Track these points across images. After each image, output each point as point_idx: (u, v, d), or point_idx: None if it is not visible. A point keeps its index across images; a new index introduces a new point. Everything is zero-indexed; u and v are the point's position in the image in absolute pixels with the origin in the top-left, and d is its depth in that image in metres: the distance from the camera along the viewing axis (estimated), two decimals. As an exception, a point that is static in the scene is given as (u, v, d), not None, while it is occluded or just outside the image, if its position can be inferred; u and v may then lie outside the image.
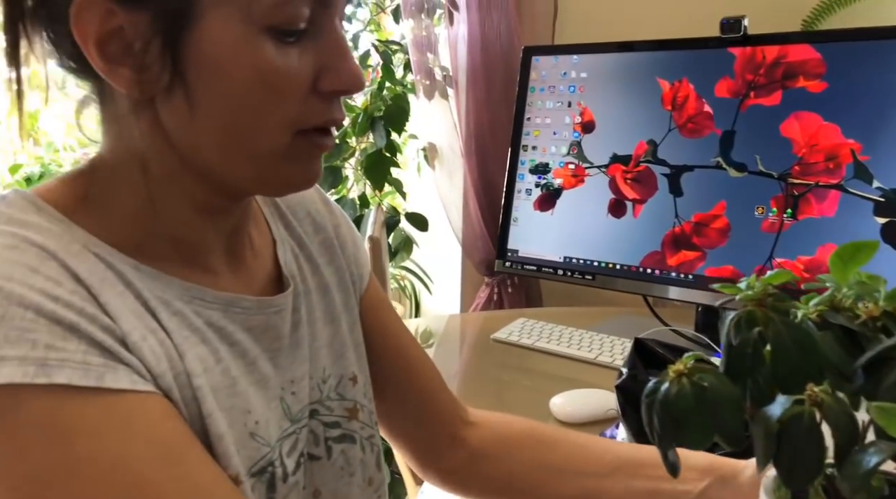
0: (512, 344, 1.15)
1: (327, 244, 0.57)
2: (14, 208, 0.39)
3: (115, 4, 0.37)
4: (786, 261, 1.02)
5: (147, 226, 0.43)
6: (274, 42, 0.39)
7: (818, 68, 1.00)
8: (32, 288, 0.35)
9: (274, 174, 0.43)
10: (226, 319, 0.45)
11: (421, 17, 1.61)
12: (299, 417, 0.49)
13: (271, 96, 0.39)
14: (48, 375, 0.34)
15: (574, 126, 1.22)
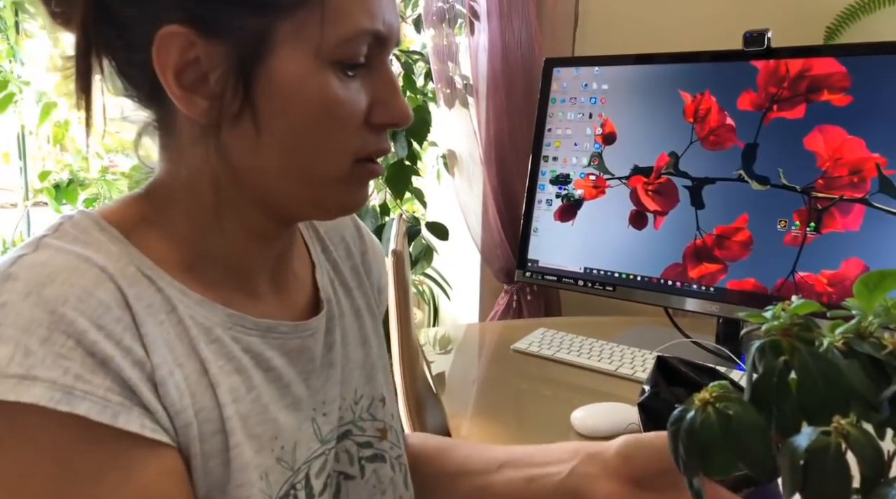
0: (532, 355, 1.15)
1: (356, 270, 0.59)
2: (79, 228, 0.42)
3: (196, 36, 0.40)
4: (809, 275, 1.02)
5: (200, 248, 0.45)
6: (337, 76, 0.42)
7: (843, 82, 1.00)
8: (83, 314, 0.37)
9: (329, 198, 0.46)
10: (264, 344, 0.47)
11: (442, 26, 1.63)
12: (329, 438, 0.51)
13: (333, 125, 0.43)
14: (70, 404, 0.35)
15: (595, 137, 1.22)
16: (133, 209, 0.45)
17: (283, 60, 0.41)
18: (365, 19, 0.42)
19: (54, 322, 0.36)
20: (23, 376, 0.34)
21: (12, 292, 0.36)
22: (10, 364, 0.34)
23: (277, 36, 0.40)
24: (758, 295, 1.06)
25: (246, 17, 0.40)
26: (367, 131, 0.44)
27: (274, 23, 0.40)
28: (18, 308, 0.36)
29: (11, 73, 1.56)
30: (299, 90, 0.41)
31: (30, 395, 0.34)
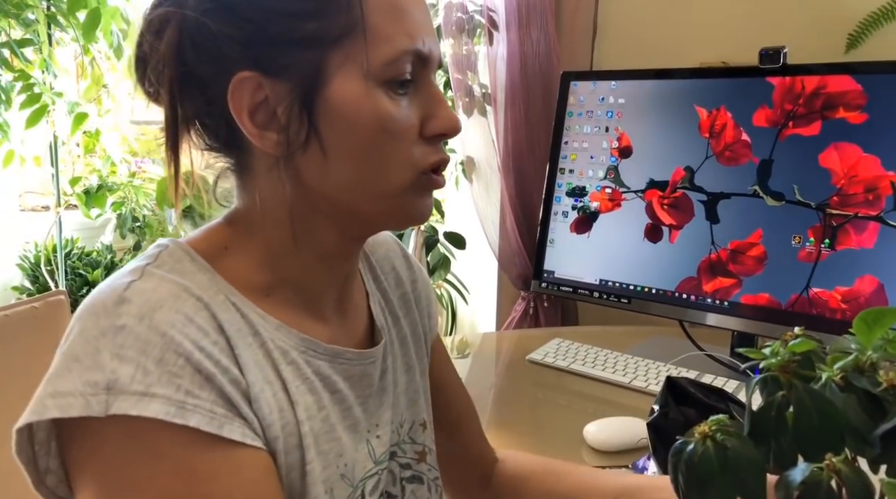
0: (547, 366, 1.18)
1: (405, 298, 0.63)
2: (174, 258, 0.46)
3: (262, 78, 0.45)
4: (823, 291, 1.03)
5: (276, 274, 0.49)
6: (387, 94, 0.46)
7: (859, 100, 1.00)
8: (187, 337, 0.41)
9: (397, 208, 0.50)
10: (331, 368, 0.51)
11: (461, 37, 1.65)
12: (382, 459, 0.54)
13: (391, 139, 0.47)
14: (184, 417, 0.39)
15: (611, 151, 1.24)
16: (216, 239, 0.49)
17: (339, 87, 0.45)
18: (405, 41, 0.46)
19: (165, 344, 0.40)
20: (143, 392, 0.39)
21: (129, 316, 0.41)
22: (132, 382, 0.39)
23: (330, 66, 0.45)
24: (772, 310, 1.07)
25: (301, 54, 0.45)
26: (423, 144, 0.49)
27: (325, 55, 0.45)
28: (136, 331, 0.40)
29: (45, 84, 1.61)
30: (356, 111, 0.46)
31: (150, 410, 0.39)
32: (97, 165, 2.20)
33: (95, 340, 0.40)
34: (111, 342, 0.40)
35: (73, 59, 2.18)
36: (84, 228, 2.39)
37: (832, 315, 1.02)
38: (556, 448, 0.93)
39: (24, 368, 0.75)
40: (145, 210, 2.39)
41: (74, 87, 2.07)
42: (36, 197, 2.55)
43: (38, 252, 2.09)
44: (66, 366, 0.40)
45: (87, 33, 1.55)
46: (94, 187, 2.03)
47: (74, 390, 0.38)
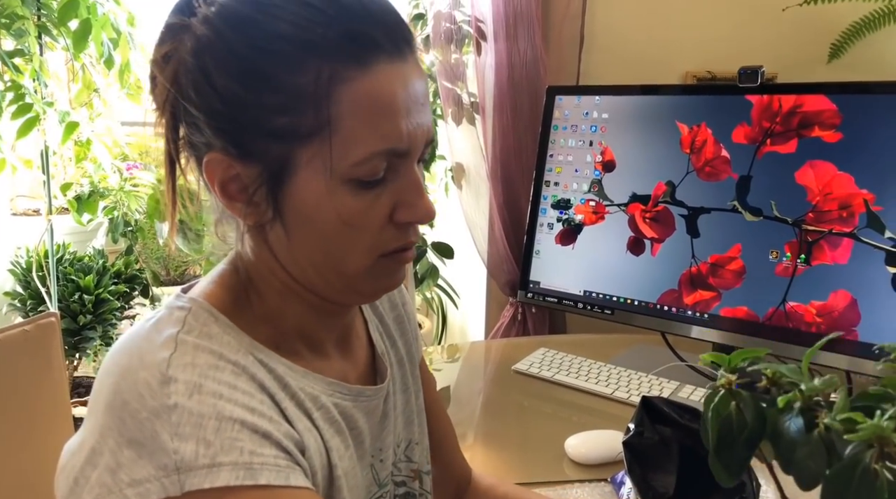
0: (532, 376, 1.20)
1: (400, 320, 0.65)
2: (199, 321, 0.48)
3: (233, 160, 0.47)
4: (799, 305, 1.06)
5: (281, 324, 0.51)
6: (355, 191, 0.46)
7: (833, 119, 1.03)
8: (237, 403, 0.43)
9: (363, 287, 0.51)
10: (355, 408, 0.53)
11: (450, 47, 1.67)
12: (385, 482, 0.57)
13: (352, 232, 0.47)
14: (254, 477, 0.42)
15: (595, 164, 1.26)
16: (227, 291, 0.51)
17: (304, 181, 0.46)
18: (377, 143, 0.46)
19: (219, 413, 0.42)
20: (210, 464, 0.41)
21: (178, 394, 0.42)
22: (197, 457, 0.41)
23: (298, 160, 0.46)
24: (750, 323, 1.10)
25: (269, 145, 0.46)
26: (391, 229, 0.49)
27: (294, 149, 0.45)
28: (188, 407, 0.42)
29: (36, 94, 1.62)
30: (318, 208, 0.46)
31: (221, 479, 0.41)
32: (89, 170, 2.20)
33: (150, 423, 0.41)
34: (167, 423, 0.41)
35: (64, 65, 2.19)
36: (76, 233, 2.39)
37: (807, 329, 1.04)
38: (538, 460, 0.96)
39: (15, 390, 0.76)
40: (137, 214, 2.40)
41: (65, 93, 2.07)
42: (27, 201, 2.55)
43: (29, 258, 2.10)
44: (135, 453, 0.41)
45: (77, 43, 1.56)
46: (86, 194, 2.03)
47: (150, 476, 0.40)
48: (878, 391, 0.44)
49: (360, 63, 0.44)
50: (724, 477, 0.47)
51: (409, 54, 0.47)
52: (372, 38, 0.45)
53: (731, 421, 0.47)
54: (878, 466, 0.38)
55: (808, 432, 0.44)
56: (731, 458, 0.47)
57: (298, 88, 0.44)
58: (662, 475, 0.71)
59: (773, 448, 0.46)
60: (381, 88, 0.45)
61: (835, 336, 0.52)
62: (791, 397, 0.46)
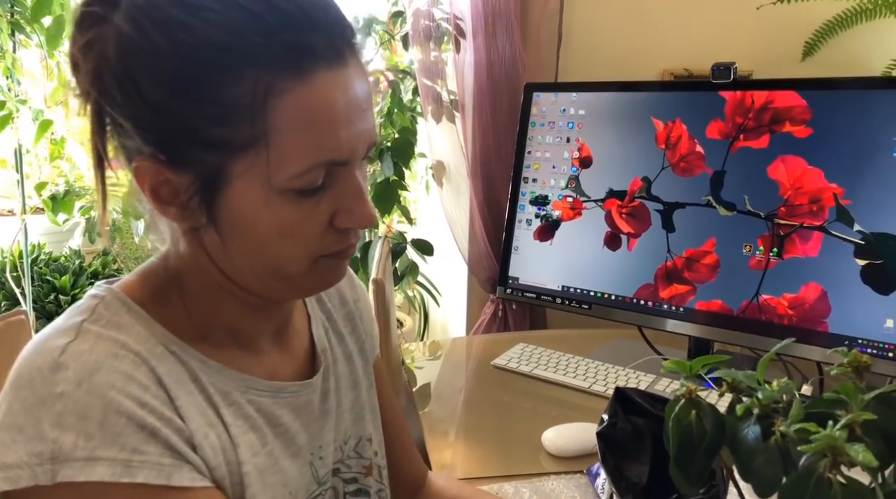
0: (511, 371, 1.21)
1: (350, 317, 0.65)
2: (111, 310, 0.47)
3: (163, 167, 0.45)
4: (771, 297, 1.07)
5: (208, 320, 0.51)
6: (292, 201, 0.45)
7: (804, 115, 1.05)
8: (128, 395, 0.43)
9: (301, 286, 0.51)
10: (275, 404, 0.53)
11: (429, 45, 1.67)
12: (325, 479, 0.57)
13: (289, 241, 0.47)
14: (131, 475, 0.42)
15: (572, 161, 1.27)
16: (149, 285, 0.50)
17: (239, 192, 0.44)
18: (316, 154, 0.44)
19: (106, 406, 0.42)
20: (87, 458, 0.40)
21: (66, 382, 0.42)
22: (75, 449, 0.40)
23: (232, 171, 0.44)
24: (724, 316, 1.11)
25: (203, 155, 0.44)
26: (331, 233, 0.48)
27: (228, 160, 0.44)
28: (75, 397, 0.41)
29: (9, 92, 1.60)
30: (254, 219, 0.45)
31: (96, 474, 0.40)
32: (64, 169, 2.17)
33: (36, 409, 0.41)
34: (51, 411, 0.41)
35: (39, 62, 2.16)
36: (51, 233, 2.36)
37: (780, 321, 1.06)
38: (516, 454, 0.96)
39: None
40: (115, 213, 2.37)
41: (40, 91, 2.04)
42: (1, 201, 2.51)
43: (3, 258, 2.06)
44: (11, 437, 0.41)
45: (51, 40, 1.54)
46: (62, 194, 2.01)
47: (21, 462, 0.40)
48: (832, 397, 0.46)
49: (299, 73, 0.42)
50: (684, 485, 0.48)
51: (351, 58, 0.45)
52: (311, 47, 0.43)
53: (691, 430, 0.48)
54: (832, 475, 0.39)
55: (765, 439, 0.45)
56: (691, 466, 0.48)
57: (232, 100, 0.42)
58: (636, 465, 0.72)
59: (733, 456, 0.47)
60: (320, 99, 0.43)
61: (788, 342, 0.53)
62: (749, 405, 0.47)
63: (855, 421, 0.42)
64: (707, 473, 0.49)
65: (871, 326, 0.98)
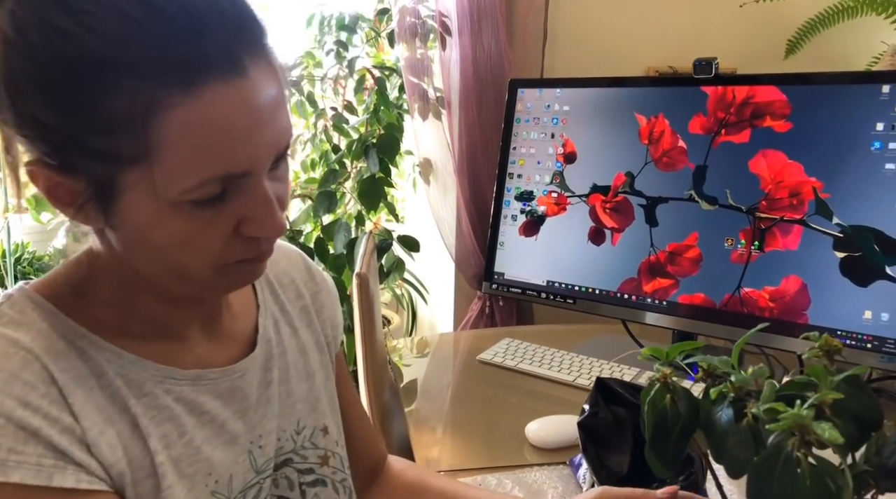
0: (496, 366, 1.21)
1: (306, 310, 0.65)
2: (15, 309, 0.47)
3: (53, 172, 0.43)
4: (753, 290, 1.08)
5: (129, 312, 0.50)
6: (189, 212, 0.43)
7: (784, 109, 1.06)
8: (10, 395, 0.43)
9: (212, 288, 0.50)
10: (195, 392, 0.52)
11: (415, 42, 1.67)
12: (264, 468, 0.56)
13: (189, 251, 0.45)
14: (6, 474, 0.41)
15: (557, 156, 1.28)
16: (65, 279, 0.50)
17: (132, 203, 0.43)
18: (209, 170, 0.42)
19: None
20: None
21: None
22: None
23: (123, 182, 0.42)
24: (707, 309, 1.12)
25: (91, 164, 0.42)
26: (238, 242, 0.46)
27: (118, 171, 0.42)
28: None
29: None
30: (150, 229, 0.44)
31: None
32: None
33: None
34: None
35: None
36: (35, 232, 2.34)
37: (761, 313, 1.07)
38: (500, 446, 0.96)
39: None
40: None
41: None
42: (-15, 200, 2.49)
43: (-14, 257, 2.04)
44: None
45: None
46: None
47: None
48: (803, 380, 0.46)
49: (186, 88, 0.40)
50: (659, 468, 0.49)
51: (253, 65, 0.42)
52: (201, 59, 0.40)
53: (665, 413, 0.48)
54: (801, 453, 0.40)
55: (738, 422, 0.46)
56: (666, 449, 0.49)
57: (113, 113, 0.39)
58: (616, 455, 0.73)
59: (706, 438, 0.48)
60: (213, 114, 0.41)
61: (761, 327, 0.54)
62: (722, 389, 0.48)
63: (823, 401, 0.43)
64: (681, 455, 0.50)
65: (850, 317, 0.99)
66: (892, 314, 0.97)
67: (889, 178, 0.98)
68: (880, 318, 0.97)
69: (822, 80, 1.04)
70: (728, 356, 0.50)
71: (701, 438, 0.49)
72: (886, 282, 0.97)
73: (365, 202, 1.51)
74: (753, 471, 0.41)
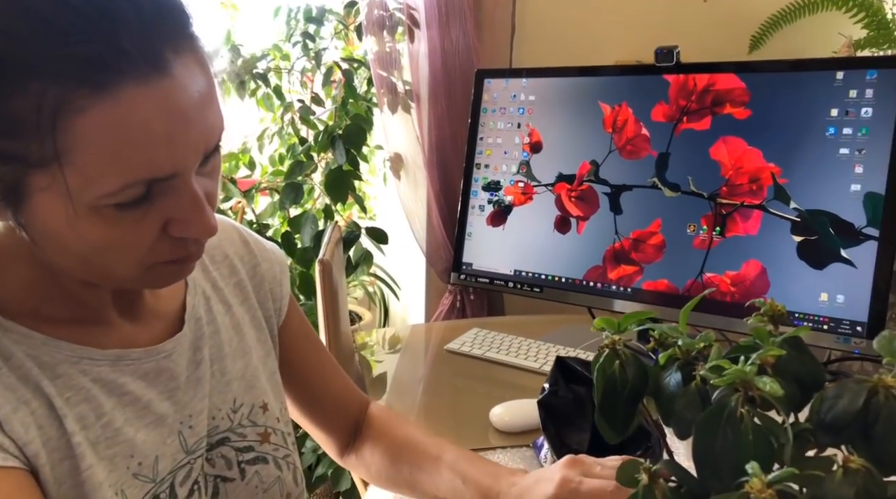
0: (464, 354, 1.21)
1: (241, 286, 0.63)
2: None
3: None
4: (715, 275, 1.10)
5: (41, 294, 0.48)
6: (108, 215, 0.41)
7: (743, 96, 1.08)
8: None
9: (138, 284, 0.49)
10: (115, 372, 0.50)
11: (383, 34, 1.67)
12: (195, 448, 0.55)
13: (112, 253, 0.44)
14: None
15: (523, 146, 1.28)
16: None
17: (44, 205, 0.40)
18: (129, 175, 0.40)
19: None
20: None
21: None
22: None
23: (32, 184, 0.40)
24: (670, 295, 1.13)
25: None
26: (166, 241, 0.44)
27: (25, 173, 0.39)
28: None
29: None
30: (65, 233, 0.42)
31: None
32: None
33: None
34: None
35: None
36: None
37: (723, 298, 1.09)
38: (465, 431, 0.96)
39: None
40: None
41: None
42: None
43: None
44: None
45: None
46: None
47: None
48: (749, 343, 0.47)
49: (98, 89, 0.37)
50: (609, 433, 0.49)
51: (176, 60, 0.39)
52: (113, 58, 0.37)
53: (614, 379, 0.49)
54: (744, 410, 0.40)
55: (686, 385, 0.47)
56: (616, 415, 0.49)
57: (18, 115, 0.37)
58: (576, 433, 0.73)
59: (655, 403, 0.48)
60: (130, 117, 0.38)
61: (707, 293, 0.55)
62: (671, 353, 0.49)
63: (765, 359, 0.44)
64: (631, 422, 0.50)
65: (807, 300, 1.01)
66: (847, 296, 0.99)
67: (843, 162, 1.00)
68: (836, 300, 0.99)
69: (779, 67, 1.06)
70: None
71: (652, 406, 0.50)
72: (841, 264, 0.99)
73: (332, 194, 1.50)
74: (698, 428, 0.42)
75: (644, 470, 0.44)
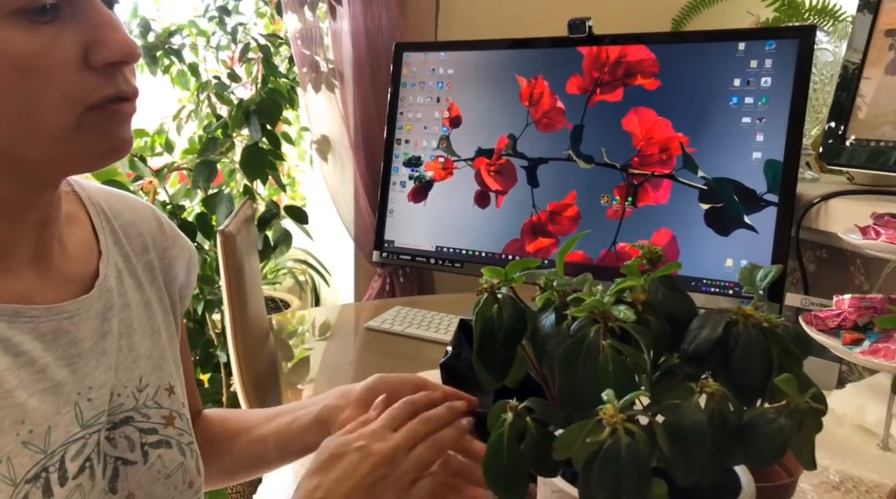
0: (383, 331, 1.19)
1: (150, 266, 0.60)
2: None
3: None
4: (627, 245, 1.11)
5: None
6: (20, 25, 0.39)
7: (653, 67, 1.09)
8: None
9: (74, 151, 0.44)
10: (11, 329, 0.46)
11: (303, 10, 1.62)
12: (91, 423, 0.51)
13: (33, 79, 0.40)
14: None
15: (443, 121, 1.27)
16: None
17: None
18: None
19: None
20: None
21: None
22: None
23: None
24: (585, 266, 1.14)
25: None
26: (92, 76, 0.42)
27: None
28: None
29: None
30: None
31: None
32: None
33: None
34: None
35: None
36: None
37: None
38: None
39: None
40: None
41: None
42: None
43: None
44: None
45: None
46: None
47: None
48: (621, 283, 0.47)
49: None
50: (487, 378, 0.48)
51: None
52: None
53: (492, 322, 0.48)
54: (605, 343, 0.40)
55: (559, 325, 0.46)
56: (493, 357, 0.48)
57: None
58: (480, 394, 0.72)
59: (531, 345, 0.48)
60: None
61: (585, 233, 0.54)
62: (547, 296, 0.48)
63: (637, 295, 0.44)
64: (509, 365, 0.49)
65: (714, 266, 1.04)
66: (751, 261, 1.01)
67: (745, 131, 1.02)
68: (740, 265, 1.02)
69: (686, 38, 1.08)
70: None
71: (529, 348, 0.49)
72: (745, 230, 1.02)
73: (248, 172, 1.45)
74: (560, 361, 0.41)
75: (510, 408, 0.43)
